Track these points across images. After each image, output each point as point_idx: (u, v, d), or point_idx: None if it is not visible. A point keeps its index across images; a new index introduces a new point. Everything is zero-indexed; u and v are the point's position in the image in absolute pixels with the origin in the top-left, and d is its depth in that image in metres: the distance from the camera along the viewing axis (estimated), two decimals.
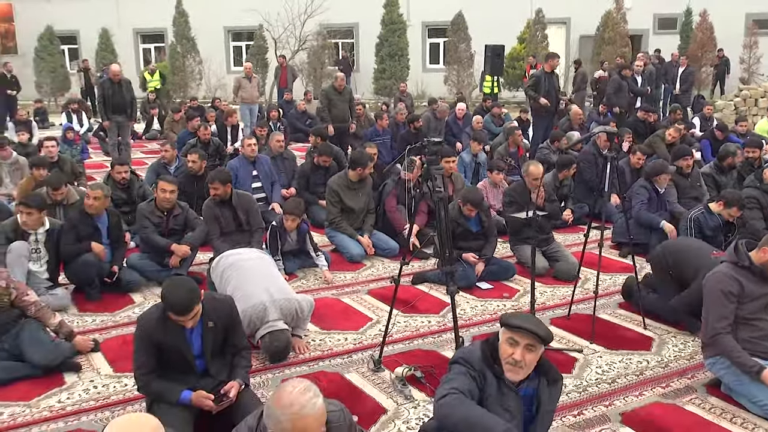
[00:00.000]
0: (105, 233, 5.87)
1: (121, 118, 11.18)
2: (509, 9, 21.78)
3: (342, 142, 11.10)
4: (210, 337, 3.72)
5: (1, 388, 4.24)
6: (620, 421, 3.86)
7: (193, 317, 3.54)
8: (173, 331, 3.60)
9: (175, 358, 3.66)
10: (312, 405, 2.39)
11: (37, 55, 23.50)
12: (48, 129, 15.88)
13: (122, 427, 2.18)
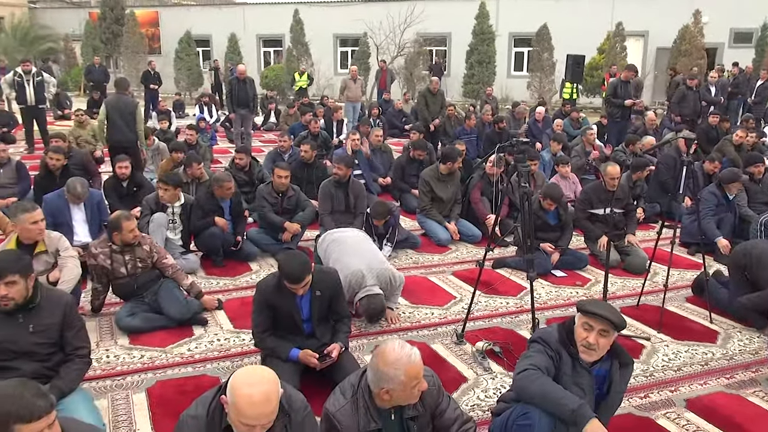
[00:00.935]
0: (227, 210, 6.06)
1: (244, 111, 11.50)
2: (591, 21, 20.99)
3: (434, 139, 11.05)
4: (317, 304, 3.79)
5: (143, 335, 4.46)
6: (685, 407, 3.69)
7: (304, 286, 3.63)
8: (286, 297, 3.70)
9: (287, 320, 3.76)
10: (415, 354, 2.49)
11: (176, 55, 24.44)
12: (184, 118, 16.52)
13: (248, 375, 2.26)
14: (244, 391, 2.17)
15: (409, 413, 2.58)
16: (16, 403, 1.85)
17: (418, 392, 2.50)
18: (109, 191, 6.70)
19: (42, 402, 1.90)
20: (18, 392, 1.90)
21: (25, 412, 1.85)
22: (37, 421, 1.86)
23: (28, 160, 9.17)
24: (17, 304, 3.12)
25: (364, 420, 2.50)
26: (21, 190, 7.21)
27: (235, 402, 2.16)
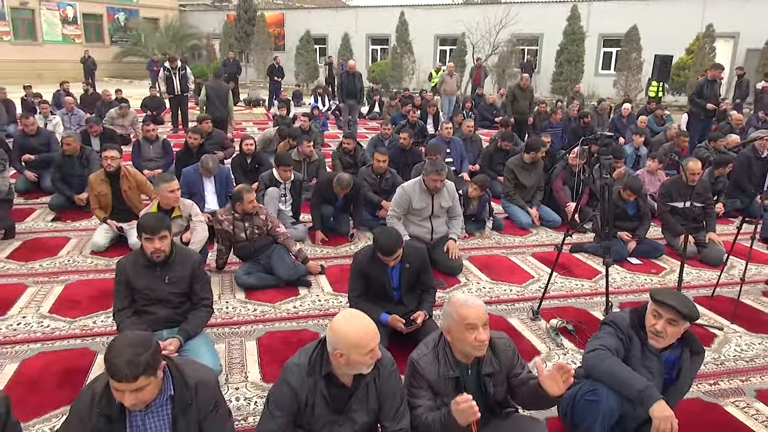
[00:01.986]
0: (341, 200, 5.97)
1: (352, 102, 11.58)
2: (681, 23, 19.48)
3: (521, 131, 10.69)
4: (406, 276, 3.76)
5: (256, 292, 4.61)
6: (755, 397, 3.38)
7: (395, 258, 3.60)
8: (379, 268, 3.69)
9: (379, 287, 3.76)
10: (479, 300, 2.46)
11: (297, 51, 25.03)
12: (300, 107, 16.91)
13: (347, 314, 2.29)
14: (352, 326, 2.18)
15: (486, 369, 2.51)
16: (112, 358, 1.93)
17: (475, 340, 2.39)
18: (236, 167, 6.96)
19: (128, 370, 1.91)
20: (121, 350, 1.94)
21: (112, 369, 1.92)
22: (118, 383, 1.92)
23: (172, 138, 9.69)
24: (166, 256, 3.29)
25: (443, 368, 2.47)
26: (166, 163, 7.64)
27: (346, 337, 2.15)
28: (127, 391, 1.91)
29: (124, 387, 1.90)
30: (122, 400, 1.94)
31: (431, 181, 5.04)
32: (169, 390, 2.07)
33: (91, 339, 3.82)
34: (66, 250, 5.39)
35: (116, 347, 1.95)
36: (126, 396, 1.92)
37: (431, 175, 5.01)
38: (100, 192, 5.48)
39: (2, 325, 3.95)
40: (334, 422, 2.32)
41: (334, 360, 2.23)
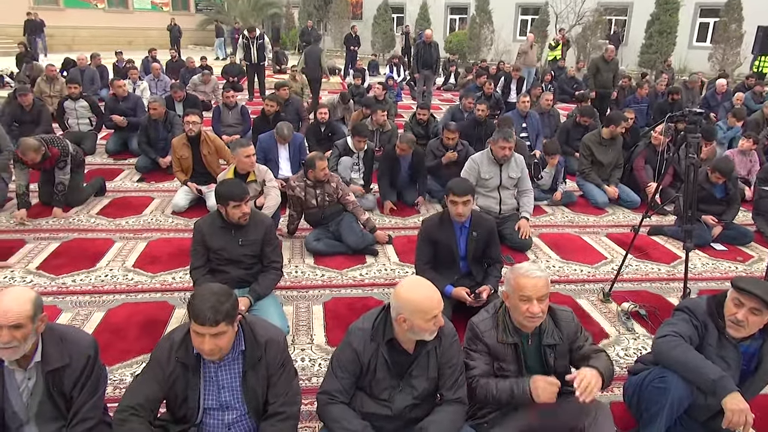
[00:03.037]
0: (407, 166, 6.02)
1: (427, 72, 11.45)
2: None
3: (602, 106, 10.23)
4: (473, 244, 3.74)
5: (324, 258, 4.73)
6: None
7: (465, 202, 3.64)
8: (447, 232, 3.71)
9: (445, 254, 3.75)
10: (543, 272, 2.42)
11: (374, 21, 24.85)
12: (375, 76, 16.91)
13: (417, 280, 2.33)
14: (417, 292, 2.21)
15: (547, 340, 2.49)
16: (197, 304, 2.04)
17: (527, 312, 2.37)
18: (309, 135, 7.09)
19: (210, 315, 2.01)
20: (205, 297, 2.06)
21: (196, 314, 2.03)
22: (201, 326, 2.02)
23: (249, 105, 9.96)
24: (248, 219, 3.43)
25: (502, 334, 2.49)
26: (243, 129, 7.89)
27: (411, 301, 2.19)
28: (207, 336, 2.02)
29: (205, 331, 2.01)
30: (202, 345, 2.04)
31: (498, 149, 4.97)
32: (241, 345, 2.18)
33: (170, 294, 4.06)
34: (150, 209, 5.73)
35: (201, 294, 2.07)
36: (206, 341, 2.03)
37: (499, 142, 4.95)
38: (182, 155, 5.75)
39: (92, 276, 4.27)
40: (394, 387, 2.37)
41: (397, 325, 2.27)
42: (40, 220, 5.26)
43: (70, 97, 7.73)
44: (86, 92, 8.47)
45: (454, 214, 3.68)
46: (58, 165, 5.29)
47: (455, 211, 3.66)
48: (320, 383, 3.06)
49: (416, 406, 2.40)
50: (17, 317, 2.00)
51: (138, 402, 2.11)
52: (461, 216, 3.67)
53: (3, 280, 4.15)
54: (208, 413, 2.23)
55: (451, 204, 3.68)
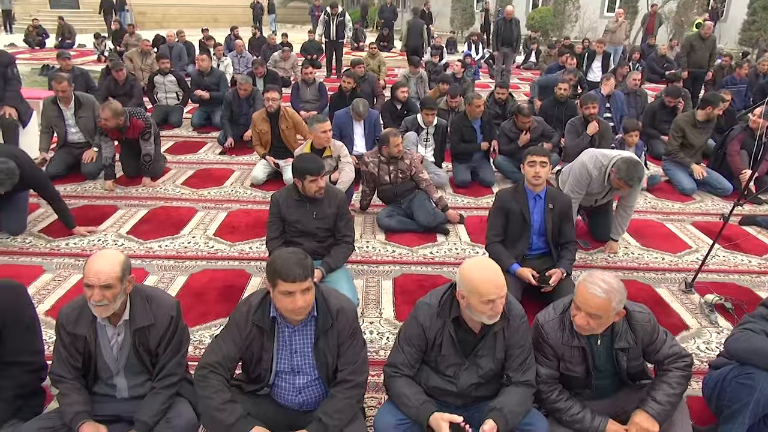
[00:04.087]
0: (478, 129, 6.06)
1: (507, 50, 11.18)
2: None
3: (696, 86, 9.63)
4: (549, 217, 3.66)
5: (396, 234, 4.76)
6: None
7: (542, 164, 3.58)
8: (521, 200, 3.66)
9: (517, 225, 3.68)
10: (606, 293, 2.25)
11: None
12: (453, 54, 16.64)
13: (478, 260, 2.34)
14: (478, 271, 2.21)
15: (619, 344, 2.40)
16: (283, 263, 2.12)
17: (585, 317, 2.29)
18: (385, 112, 7.11)
19: (299, 270, 2.10)
20: (288, 257, 2.15)
21: (285, 271, 2.10)
22: (290, 283, 2.09)
23: (327, 82, 10.09)
24: (323, 193, 3.52)
25: (568, 336, 2.41)
26: (321, 105, 8.02)
27: (470, 280, 2.20)
28: (298, 292, 2.10)
29: (296, 287, 2.09)
30: (294, 303, 2.11)
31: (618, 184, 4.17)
32: (314, 312, 2.26)
33: (247, 262, 4.23)
34: (230, 181, 5.96)
35: (282, 256, 2.15)
36: (298, 297, 2.10)
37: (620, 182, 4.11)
38: (261, 130, 5.92)
39: (176, 242, 4.51)
40: (460, 364, 2.38)
41: (459, 301, 2.28)
42: (131, 189, 5.60)
43: (160, 72, 8.12)
44: (174, 68, 8.86)
45: (530, 176, 3.60)
46: (143, 137, 5.58)
47: (533, 172, 3.58)
48: (385, 356, 3.15)
49: (481, 385, 2.40)
50: (107, 278, 2.15)
51: (216, 360, 2.23)
52: (538, 178, 3.58)
53: (98, 242, 4.47)
54: (280, 376, 2.32)
55: (528, 166, 3.60)
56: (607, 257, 4.47)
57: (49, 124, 5.79)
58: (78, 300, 2.32)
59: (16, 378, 2.32)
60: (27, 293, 2.42)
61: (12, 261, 4.12)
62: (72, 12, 21.74)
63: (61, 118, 5.74)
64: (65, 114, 5.75)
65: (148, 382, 2.38)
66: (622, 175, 4.02)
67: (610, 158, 4.19)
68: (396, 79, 10.15)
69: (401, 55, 17.08)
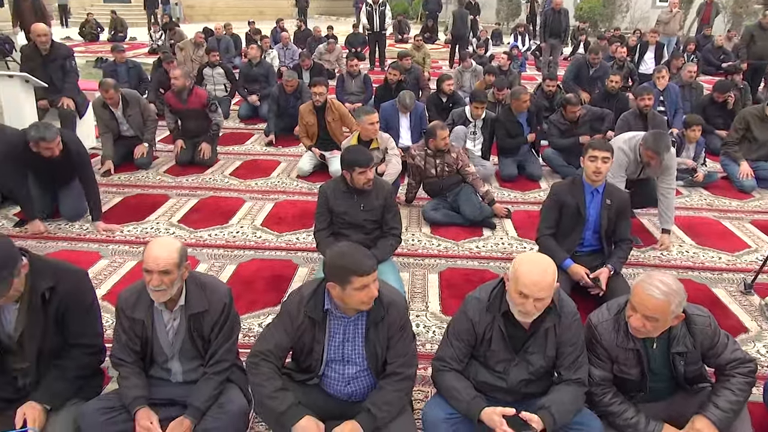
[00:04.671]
0: (525, 121, 5.97)
1: (554, 41, 10.97)
2: None
3: (755, 79, 9.22)
4: (605, 213, 3.55)
5: (441, 227, 4.74)
6: None
7: (603, 164, 3.46)
8: (577, 194, 3.56)
9: (571, 219, 3.58)
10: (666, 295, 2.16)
11: None
12: (499, 46, 16.42)
13: (531, 255, 2.33)
14: (525, 266, 2.18)
15: (677, 348, 2.32)
16: (353, 259, 2.14)
17: (630, 319, 2.25)
18: (430, 104, 7.07)
19: (370, 261, 2.15)
20: (353, 251, 2.18)
21: (359, 267, 2.11)
22: (366, 276, 2.12)
23: (372, 74, 10.10)
24: (372, 185, 3.53)
25: (622, 338, 2.34)
26: (366, 97, 8.04)
27: (516, 273, 2.18)
28: (371, 283, 2.14)
29: (369, 279, 2.13)
30: (369, 293, 2.14)
31: (647, 156, 4.11)
32: None
33: (294, 253, 4.28)
34: (277, 172, 6.04)
35: (348, 253, 2.17)
36: (372, 287, 2.15)
37: (648, 151, 4.07)
38: (308, 122, 5.97)
39: (225, 231, 4.60)
40: (510, 360, 2.35)
41: (506, 285, 2.26)
42: (181, 178, 5.74)
43: (209, 64, 8.27)
44: (222, 60, 9.01)
45: (590, 171, 3.48)
46: (210, 107, 6.07)
47: (593, 167, 3.45)
48: (431, 349, 3.14)
49: (531, 382, 2.37)
50: (166, 264, 2.21)
51: (268, 348, 2.27)
52: (598, 174, 3.46)
53: (150, 230, 4.60)
54: (330, 366, 2.35)
55: (589, 161, 3.48)
56: (660, 255, 4.35)
57: (105, 126, 5.93)
58: (136, 285, 2.39)
59: (78, 359, 2.41)
60: (88, 278, 2.50)
61: (71, 247, 4.28)
62: (123, 6, 22.33)
63: (113, 120, 5.86)
64: (116, 115, 5.87)
65: (201, 368, 2.43)
66: (650, 145, 4.02)
67: (639, 136, 4.23)
68: (441, 71, 10.08)
69: (445, 47, 16.97)
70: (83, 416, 2.31)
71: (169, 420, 2.30)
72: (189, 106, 6.03)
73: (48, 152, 4.18)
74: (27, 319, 2.28)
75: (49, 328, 2.32)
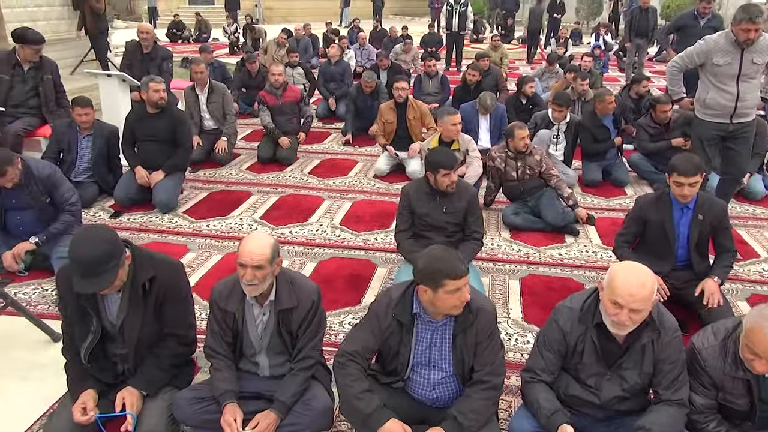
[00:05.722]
0: (612, 125, 5.76)
1: (641, 41, 10.47)
2: None
3: None
4: (697, 229, 3.32)
5: (522, 233, 4.62)
6: None
7: (692, 185, 3.22)
8: (663, 211, 3.37)
9: (659, 239, 3.39)
10: None
11: None
12: (578, 46, 15.93)
13: (630, 264, 2.18)
14: (622, 275, 2.08)
15: None
16: (447, 262, 2.11)
17: (747, 358, 2.08)
18: (509, 106, 6.92)
19: (463, 265, 2.12)
20: (447, 254, 2.16)
21: (453, 270, 2.09)
22: (459, 280, 2.09)
23: (448, 74, 10.02)
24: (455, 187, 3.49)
25: (731, 367, 2.17)
26: (442, 98, 7.97)
27: (611, 281, 2.09)
28: (463, 287, 2.12)
29: (462, 283, 2.10)
30: (461, 298, 2.12)
31: (742, 31, 3.93)
32: None
33: (372, 253, 4.30)
34: (354, 172, 6.10)
35: (440, 257, 2.14)
36: (464, 290, 2.12)
37: (742, 23, 3.92)
38: (387, 119, 5.98)
39: (305, 229, 4.68)
40: (602, 375, 2.25)
41: (600, 294, 2.17)
42: (263, 175, 5.89)
43: (289, 64, 8.46)
44: (301, 60, 9.20)
45: (677, 195, 3.28)
46: (304, 101, 6.54)
47: (679, 192, 3.25)
48: (513, 357, 3.07)
49: (625, 399, 2.26)
50: (260, 259, 2.25)
51: (355, 349, 2.27)
52: (685, 198, 3.28)
53: (234, 225, 4.74)
54: (416, 371, 2.33)
55: (675, 185, 3.25)
56: (761, 271, 4.05)
57: (190, 112, 6.22)
58: (230, 278, 2.46)
59: (173, 349, 2.50)
60: (184, 270, 2.59)
61: (161, 239, 4.48)
62: (207, 8, 23.24)
63: (196, 103, 6.19)
64: (200, 98, 6.19)
65: (287, 363, 2.47)
66: (739, 15, 3.90)
67: None
68: (518, 72, 9.87)
69: (522, 47, 16.65)
70: (176, 404, 2.40)
71: (255, 413, 2.35)
72: (284, 101, 6.33)
73: (156, 95, 4.84)
74: (128, 307, 2.40)
75: (148, 317, 2.43)
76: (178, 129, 5.01)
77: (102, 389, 2.42)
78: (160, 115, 4.96)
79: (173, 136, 5.00)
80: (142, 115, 5.01)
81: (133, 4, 26.33)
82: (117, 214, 4.86)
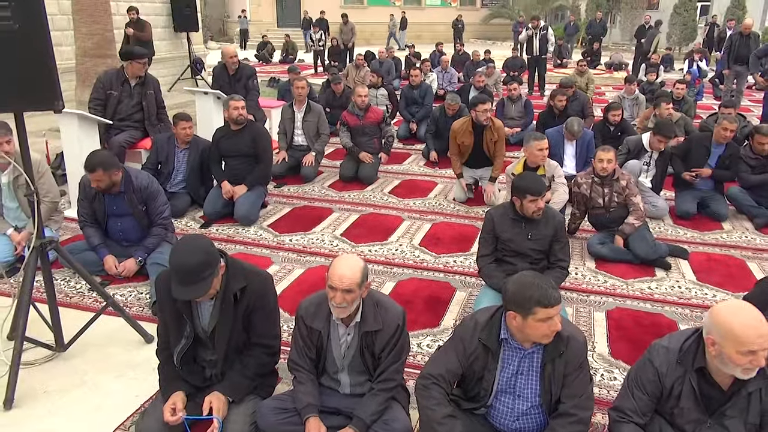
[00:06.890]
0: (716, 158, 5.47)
1: (740, 68, 9.94)
2: None
3: None
4: None
5: (608, 263, 4.46)
6: None
7: None
8: None
9: None
10: None
11: (674, 10, 22.56)
12: (669, 72, 15.28)
13: (741, 304, 2.04)
14: (738, 319, 1.93)
15: None
16: (538, 291, 2.06)
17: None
18: (597, 132, 6.72)
19: (556, 293, 2.06)
20: (539, 281, 2.10)
21: (546, 298, 2.04)
22: (551, 308, 2.04)
23: (532, 99, 9.89)
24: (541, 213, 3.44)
25: None
26: (526, 122, 7.89)
27: (725, 324, 1.94)
28: (555, 315, 2.07)
29: (554, 311, 2.06)
30: (552, 327, 2.07)
31: None
32: None
33: (452, 276, 4.26)
34: (434, 193, 6.10)
35: (531, 283, 2.09)
36: (556, 320, 2.07)
37: None
38: (463, 142, 5.90)
39: (384, 248, 4.72)
40: (702, 422, 2.12)
41: (709, 348, 2.02)
42: (344, 193, 6.00)
43: (372, 85, 8.63)
44: (384, 82, 9.36)
45: None
46: (385, 121, 6.68)
47: None
48: (599, 393, 2.93)
49: None
50: (350, 283, 2.27)
51: (439, 372, 2.25)
52: None
53: (316, 241, 4.85)
54: (499, 398, 2.27)
55: None
56: None
57: (283, 127, 6.48)
58: (316, 296, 2.50)
59: (259, 358, 2.57)
60: (273, 281, 2.67)
61: (246, 250, 4.64)
62: (295, 30, 24.15)
63: (291, 120, 6.46)
64: (296, 116, 6.44)
65: (367, 383, 2.48)
66: None
67: None
68: (603, 97, 9.60)
69: (608, 72, 16.20)
70: (260, 412, 2.46)
71: (335, 428, 2.37)
72: (365, 122, 6.47)
73: (235, 112, 5.14)
74: (219, 315, 2.49)
75: (237, 325, 2.51)
76: (258, 143, 5.26)
77: (190, 392, 2.51)
78: (242, 132, 5.23)
79: (255, 151, 5.24)
80: (226, 132, 5.31)
81: (226, 27, 27.83)
82: (207, 224, 5.09)
